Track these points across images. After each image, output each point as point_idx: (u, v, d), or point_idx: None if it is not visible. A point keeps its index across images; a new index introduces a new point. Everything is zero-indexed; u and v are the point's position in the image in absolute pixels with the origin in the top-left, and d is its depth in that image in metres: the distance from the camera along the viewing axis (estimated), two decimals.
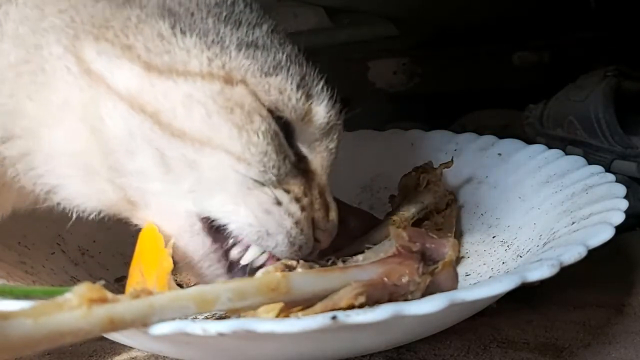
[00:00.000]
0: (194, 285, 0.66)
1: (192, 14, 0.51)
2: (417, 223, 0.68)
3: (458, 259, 0.66)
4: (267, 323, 0.40)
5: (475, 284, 0.60)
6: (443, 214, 0.70)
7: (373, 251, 0.52)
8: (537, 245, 0.60)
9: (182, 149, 0.49)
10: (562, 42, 1.14)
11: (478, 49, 1.14)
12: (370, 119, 0.88)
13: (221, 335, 0.40)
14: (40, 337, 0.36)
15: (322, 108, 0.53)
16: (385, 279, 0.47)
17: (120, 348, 0.57)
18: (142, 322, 0.39)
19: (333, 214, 0.55)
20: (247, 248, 0.52)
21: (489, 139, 0.80)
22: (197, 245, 0.52)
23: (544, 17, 1.08)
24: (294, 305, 0.46)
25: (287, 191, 0.52)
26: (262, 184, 0.50)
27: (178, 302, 0.41)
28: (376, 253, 0.51)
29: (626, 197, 0.58)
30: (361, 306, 0.44)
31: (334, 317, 0.40)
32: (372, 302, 0.45)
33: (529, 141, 0.78)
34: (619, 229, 0.52)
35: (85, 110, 0.50)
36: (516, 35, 1.11)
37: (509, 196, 0.72)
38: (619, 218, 0.54)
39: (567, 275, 0.48)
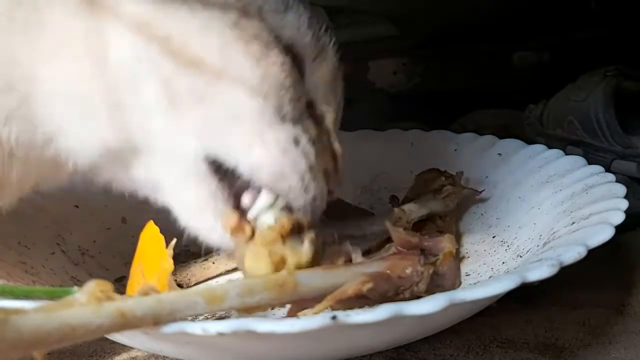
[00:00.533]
0: (194, 285, 0.66)
1: None
2: (419, 224, 0.67)
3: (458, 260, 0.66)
4: (267, 323, 0.40)
5: (475, 284, 0.60)
6: (443, 217, 0.70)
7: (378, 256, 0.53)
8: (537, 245, 0.60)
9: (194, 80, 0.47)
10: (562, 42, 1.14)
11: (478, 49, 1.14)
12: (370, 119, 0.88)
13: (221, 335, 0.40)
14: (51, 330, 0.36)
15: (330, 51, 0.53)
16: (389, 271, 0.49)
17: (120, 348, 0.57)
18: (153, 317, 0.40)
19: (340, 163, 0.53)
20: (259, 192, 0.50)
21: (489, 139, 0.80)
22: (204, 188, 0.49)
23: (544, 17, 1.08)
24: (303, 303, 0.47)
25: (305, 130, 0.50)
26: (281, 120, 0.48)
27: (187, 297, 0.41)
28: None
29: (626, 197, 0.58)
30: (366, 297, 0.45)
31: (333, 317, 0.40)
32: (379, 294, 0.47)
33: (529, 141, 0.78)
34: (619, 229, 0.52)
35: (88, 42, 0.47)
36: (516, 35, 1.11)
37: (509, 196, 0.71)
38: (619, 218, 0.54)
39: (567, 275, 0.47)
